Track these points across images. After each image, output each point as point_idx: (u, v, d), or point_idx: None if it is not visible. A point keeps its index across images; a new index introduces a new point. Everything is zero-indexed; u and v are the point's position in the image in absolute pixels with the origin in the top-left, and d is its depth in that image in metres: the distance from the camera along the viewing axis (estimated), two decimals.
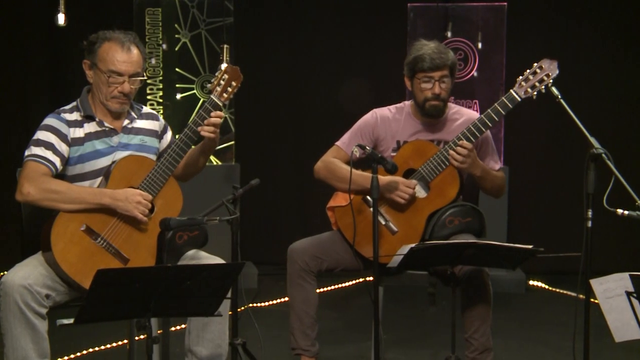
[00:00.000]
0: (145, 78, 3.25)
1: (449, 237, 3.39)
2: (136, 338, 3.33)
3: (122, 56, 3.10)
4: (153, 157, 3.24)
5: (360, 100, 5.17)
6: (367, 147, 3.21)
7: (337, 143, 3.63)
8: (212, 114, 3.11)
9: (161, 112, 5.62)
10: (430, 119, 3.53)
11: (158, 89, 5.67)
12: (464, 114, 3.59)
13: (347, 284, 5.68)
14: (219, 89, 3.14)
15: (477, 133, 3.37)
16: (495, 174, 3.52)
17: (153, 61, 5.62)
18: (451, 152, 3.35)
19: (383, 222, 3.45)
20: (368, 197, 3.44)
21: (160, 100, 5.67)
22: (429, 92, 3.45)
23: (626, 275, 2.35)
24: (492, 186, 3.52)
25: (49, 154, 3.05)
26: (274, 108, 6.24)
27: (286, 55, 6.21)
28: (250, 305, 4.99)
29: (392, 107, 3.65)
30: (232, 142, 5.82)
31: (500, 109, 3.34)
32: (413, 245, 3.01)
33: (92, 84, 3.17)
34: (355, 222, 3.38)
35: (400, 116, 3.60)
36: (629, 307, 2.38)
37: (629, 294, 2.35)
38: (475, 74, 5.78)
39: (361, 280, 5.62)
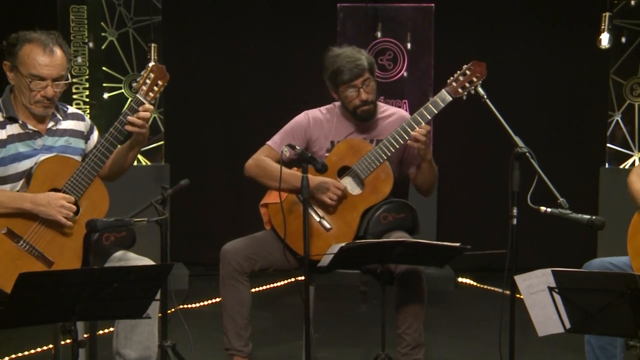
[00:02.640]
0: (70, 81, 3.16)
1: (383, 233, 3.43)
2: (62, 342, 3.25)
3: (44, 59, 2.99)
4: (78, 158, 3.16)
5: (291, 100, 5.18)
6: (297, 147, 3.21)
7: (269, 142, 3.63)
8: (141, 108, 3.05)
9: (87, 111, 5.50)
10: (363, 122, 3.57)
11: (84, 88, 5.55)
12: (393, 112, 3.66)
13: (279, 283, 5.67)
14: (144, 88, 3.09)
15: (409, 130, 3.41)
16: (435, 165, 3.57)
17: (79, 59, 5.50)
18: (412, 133, 3.36)
19: (317, 219, 3.47)
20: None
21: (87, 100, 5.56)
22: (356, 100, 3.50)
23: (548, 271, 2.40)
24: (432, 177, 3.55)
25: None
26: (203, 108, 6.19)
27: (216, 55, 6.16)
28: (181, 306, 4.94)
29: (323, 109, 3.68)
30: (162, 142, 5.75)
31: (432, 108, 3.40)
32: (343, 244, 3.03)
33: (14, 86, 3.07)
34: (288, 221, 3.39)
35: (331, 117, 3.63)
36: (551, 302, 2.43)
37: (551, 289, 2.41)
38: (405, 74, 5.85)
39: (293, 279, 5.63)
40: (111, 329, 3.24)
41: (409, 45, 5.81)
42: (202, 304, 5.16)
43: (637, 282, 2.24)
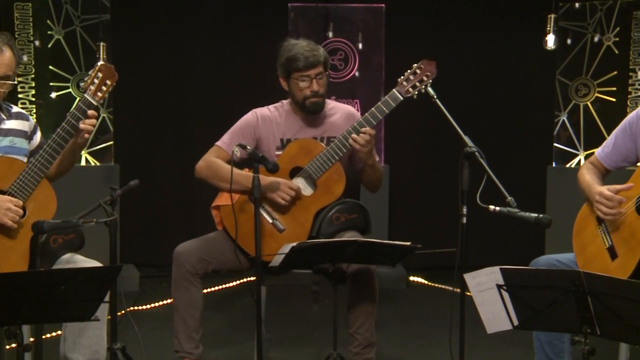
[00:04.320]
0: (16, 82, 3.10)
1: (336, 233, 3.44)
2: (6, 347, 3.19)
3: None
4: (23, 159, 3.10)
5: (241, 100, 5.14)
6: (248, 147, 3.20)
7: (218, 143, 3.60)
8: (83, 121, 3.00)
9: (34, 111, 5.40)
10: (310, 115, 3.57)
11: (30, 87, 5.44)
12: (340, 109, 3.68)
13: (231, 284, 5.65)
14: (92, 87, 3.05)
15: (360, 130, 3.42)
16: (379, 165, 3.61)
17: (25, 58, 5.39)
18: (354, 136, 3.38)
19: (270, 221, 3.45)
20: None
21: (33, 99, 5.45)
22: (307, 90, 3.50)
23: (497, 269, 2.43)
24: (377, 177, 3.59)
25: None
26: (153, 107, 6.12)
27: (166, 54, 6.11)
28: (131, 308, 4.88)
29: (271, 107, 3.67)
30: (111, 142, 5.67)
31: (384, 108, 3.42)
32: (294, 244, 3.03)
33: None
34: (241, 222, 3.37)
35: (280, 114, 3.62)
36: (499, 299, 2.46)
37: (499, 286, 2.44)
38: (356, 74, 5.87)
39: (245, 280, 5.60)
40: (59, 332, 3.19)
41: (360, 45, 5.84)
42: (153, 305, 5.11)
43: (581, 278, 2.28)
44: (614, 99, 5.68)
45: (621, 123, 3.25)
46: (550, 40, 5.38)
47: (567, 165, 5.76)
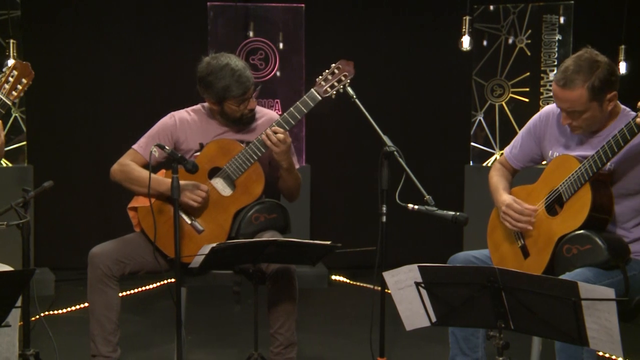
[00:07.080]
0: None
1: (255, 233, 3.43)
2: None
3: None
4: None
5: (160, 101, 5.08)
6: (167, 147, 3.16)
7: (134, 146, 3.55)
8: None
9: None
10: (243, 126, 3.56)
11: None
12: (264, 113, 3.67)
13: (151, 286, 5.56)
14: (7, 86, 2.96)
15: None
16: (297, 172, 3.60)
17: None
18: (263, 136, 3.37)
19: (189, 222, 3.42)
20: None
21: None
22: (245, 110, 3.51)
23: (415, 266, 2.46)
24: (294, 184, 3.58)
25: None
26: (68, 106, 5.98)
27: (81, 52, 5.96)
28: (46, 313, 4.75)
29: (190, 109, 3.63)
30: (24, 143, 5.50)
31: (302, 107, 3.42)
32: (214, 244, 3.01)
33: None
34: (159, 223, 3.33)
35: (199, 118, 3.59)
36: (417, 296, 2.50)
37: (417, 284, 2.48)
38: (277, 73, 5.87)
39: (165, 282, 5.53)
40: None
41: (280, 45, 5.84)
42: (69, 309, 4.98)
43: (496, 274, 2.34)
44: (527, 99, 5.85)
45: (526, 124, 3.34)
46: (466, 42, 5.50)
47: (484, 164, 5.90)
